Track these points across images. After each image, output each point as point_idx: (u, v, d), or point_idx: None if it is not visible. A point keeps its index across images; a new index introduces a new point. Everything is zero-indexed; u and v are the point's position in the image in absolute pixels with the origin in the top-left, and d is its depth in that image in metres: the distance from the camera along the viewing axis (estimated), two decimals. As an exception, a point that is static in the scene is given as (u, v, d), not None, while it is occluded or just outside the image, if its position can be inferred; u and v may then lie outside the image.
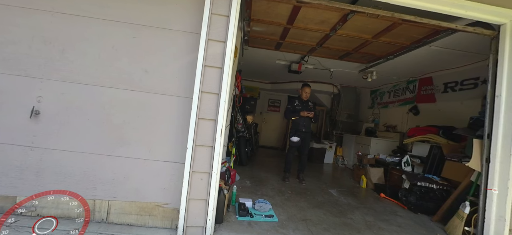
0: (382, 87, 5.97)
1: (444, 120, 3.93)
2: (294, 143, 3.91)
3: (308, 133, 3.94)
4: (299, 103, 3.95)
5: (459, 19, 2.23)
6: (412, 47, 3.20)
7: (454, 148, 3.27)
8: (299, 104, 3.95)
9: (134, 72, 1.98)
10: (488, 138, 2.20)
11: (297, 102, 3.96)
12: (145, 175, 1.98)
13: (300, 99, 3.99)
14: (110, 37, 1.96)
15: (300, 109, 3.89)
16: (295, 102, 3.96)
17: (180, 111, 1.99)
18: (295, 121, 3.93)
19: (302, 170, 3.98)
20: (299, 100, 3.99)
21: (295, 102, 3.95)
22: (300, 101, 3.97)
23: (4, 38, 1.89)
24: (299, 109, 3.89)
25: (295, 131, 3.92)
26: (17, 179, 1.88)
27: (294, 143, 3.91)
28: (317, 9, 2.40)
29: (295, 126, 3.94)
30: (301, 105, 3.94)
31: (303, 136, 3.90)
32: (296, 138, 3.88)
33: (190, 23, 1.97)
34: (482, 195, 2.21)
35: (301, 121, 3.87)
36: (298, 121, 3.89)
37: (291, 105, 3.96)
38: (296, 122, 3.92)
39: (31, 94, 1.89)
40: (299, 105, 3.94)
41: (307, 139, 3.95)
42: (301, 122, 3.87)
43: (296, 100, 3.97)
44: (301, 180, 3.87)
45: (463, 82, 3.80)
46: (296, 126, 3.92)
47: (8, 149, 1.88)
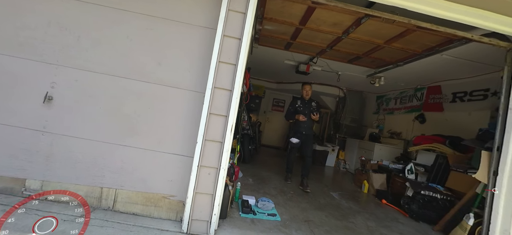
0: (389, 93, 5.94)
1: (450, 129, 3.90)
2: (293, 144, 3.82)
3: (309, 135, 3.79)
4: (301, 104, 3.79)
5: (474, 29, 2.20)
6: (424, 55, 3.17)
7: (460, 158, 3.25)
8: (301, 105, 3.79)
9: (147, 64, 1.99)
10: (497, 151, 2.19)
11: (299, 103, 3.81)
12: (153, 166, 2.00)
13: (302, 100, 3.84)
14: (125, 27, 1.97)
15: (301, 110, 3.76)
16: (296, 103, 3.82)
17: (191, 106, 1.99)
18: (294, 123, 3.84)
19: (306, 175, 3.70)
20: (301, 100, 3.84)
21: (297, 103, 3.82)
22: (302, 102, 3.82)
23: (22, 23, 1.91)
24: (300, 110, 3.77)
25: (295, 132, 3.82)
26: (27, 162, 1.91)
27: (293, 144, 3.81)
28: (331, 11, 2.39)
29: (295, 127, 3.84)
30: (303, 106, 3.78)
31: (303, 138, 3.76)
32: (295, 140, 3.78)
33: (206, 18, 1.97)
34: (488, 207, 2.19)
35: (302, 123, 3.73)
36: (298, 123, 3.76)
37: (293, 106, 3.84)
38: (296, 124, 3.81)
39: (45, 79, 1.91)
40: (300, 106, 3.78)
41: (308, 142, 3.79)
42: (302, 123, 3.73)
43: (298, 101, 3.84)
44: (305, 186, 3.54)
45: (472, 93, 3.77)
46: (296, 127, 3.82)
47: (20, 132, 1.90)
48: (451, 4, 1.98)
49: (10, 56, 1.90)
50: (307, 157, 3.79)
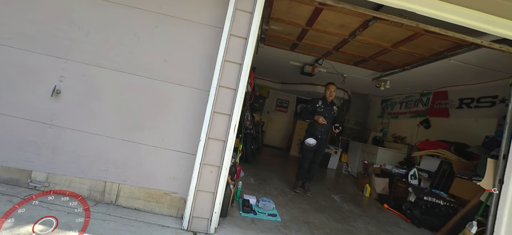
0: (394, 97, 5.88)
1: (456, 136, 3.84)
2: (309, 146, 3.36)
3: (323, 140, 3.44)
4: (321, 105, 3.38)
5: (484, 35, 2.17)
6: (431, 60, 3.13)
7: (465, 165, 3.21)
8: (322, 106, 3.38)
9: (153, 60, 2.01)
10: (503, 159, 2.15)
11: (320, 103, 3.40)
12: (155, 163, 2.02)
13: (324, 101, 3.43)
14: (133, 24, 1.99)
15: (320, 112, 3.34)
16: (317, 103, 3.41)
17: (195, 103, 2.01)
18: (311, 123, 3.46)
19: (309, 179, 3.52)
20: (324, 101, 3.43)
21: (318, 103, 3.41)
22: (324, 103, 3.41)
23: (33, 16, 1.95)
24: (319, 112, 3.35)
25: (311, 134, 3.41)
26: (34, 154, 1.94)
27: (310, 147, 3.35)
28: (338, 13, 2.37)
29: (311, 128, 3.43)
30: (324, 107, 3.38)
31: (318, 142, 3.39)
32: (313, 140, 3.35)
33: (213, 16, 1.98)
34: (492, 216, 2.16)
35: (319, 125, 3.36)
36: (315, 124, 3.39)
37: (312, 105, 3.44)
38: (313, 125, 3.43)
39: (54, 73, 1.94)
40: (321, 107, 3.37)
41: (321, 147, 3.44)
42: (319, 125, 3.36)
43: (319, 101, 3.43)
44: (307, 190, 3.43)
45: (479, 100, 3.71)
46: (312, 128, 3.42)
47: (28, 125, 1.93)
48: (462, 9, 1.95)
49: (20, 49, 1.93)
50: (315, 163, 3.46)
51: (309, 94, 7.50)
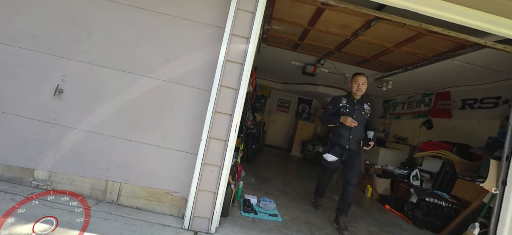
0: (396, 97, 5.85)
1: (458, 137, 3.82)
2: (328, 164, 2.54)
3: (355, 152, 2.47)
4: (346, 103, 2.51)
5: (488, 35, 2.15)
6: (434, 60, 3.11)
7: (468, 166, 3.19)
8: (348, 105, 2.50)
9: (155, 60, 2.01)
10: (506, 160, 2.14)
11: (345, 101, 2.52)
12: (157, 162, 2.02)
13: (349, 98, 2.55)
14: (136, 24, 2.00)
15: (346, 113, 2.46)
16: (341, 101, 2.54)
17: (197, 103, 2.01)
18: (336, 129, 2.54)
19: (345, 211, 2.42)
20: (348, 99, 2.54)
21: (342, 101, 2.53)
22: (349, 101, 2.53)
23: (36, 16, 1.96)
24: (344, 113, 2.47)
25: (333, 145, 2.54)
26: (37, 153, 1.95)
27: (329, 164, 2.54)
28: (340, 13, 2.36)
29: (336, 136, 2.53)
30: (351, 106, 2.49)
31: (346, 154, 2.48)
32: (332, 157, 2.49)
33: (215, 16, 1.98)
34: (494, 218, 2.15)
35: (345, 131, 2.45)
36: (339, 130, 2.49)
37: (334, 105, 2.57)
38: (337, 131, 2.52)
39: (56, 72, 1.95)
40: (346, 106, 2.49)
41: (353, 161, 2.45)
42: (345, 132, 2.45)
43: (343, 99, 2.54)
44: (343, 229, 2.33)
45: (483, 100, 3.68)
46: (336, 136, 2.52)
47: (31, 123, 1.95)
48: (465, 9, 1.93)
49: (23, 49, 1.94)
50: (349, 184, 2.42)
51: (310, 95, 7.49)
